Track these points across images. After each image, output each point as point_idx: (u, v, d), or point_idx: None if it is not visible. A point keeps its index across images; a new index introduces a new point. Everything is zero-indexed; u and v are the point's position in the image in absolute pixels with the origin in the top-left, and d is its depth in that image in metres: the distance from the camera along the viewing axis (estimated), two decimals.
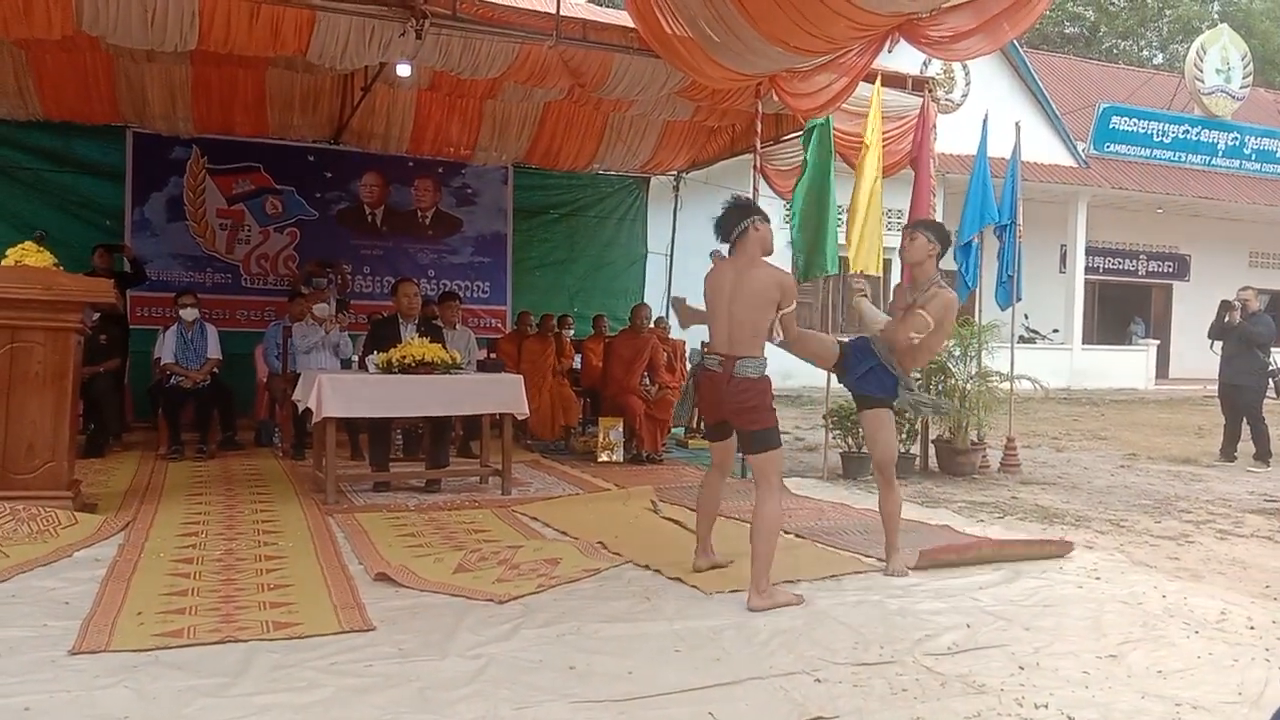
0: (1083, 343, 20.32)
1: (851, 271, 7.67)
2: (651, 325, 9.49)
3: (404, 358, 6.46)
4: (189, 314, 8.25)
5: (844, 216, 7.72)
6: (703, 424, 5.19)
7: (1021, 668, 3.42)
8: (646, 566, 4.72)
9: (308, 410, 6.41)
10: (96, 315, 7.08)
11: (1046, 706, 3.07)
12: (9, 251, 5.59)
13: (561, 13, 7.16)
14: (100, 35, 6.92)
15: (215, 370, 8.26)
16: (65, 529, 5.00)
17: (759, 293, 4.22)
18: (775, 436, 4.27)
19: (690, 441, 9.74)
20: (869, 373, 4.72)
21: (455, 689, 3.09)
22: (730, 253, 4.43)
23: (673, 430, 9.31)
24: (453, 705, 2.96)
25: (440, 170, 11.33)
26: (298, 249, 10.70)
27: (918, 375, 7.01)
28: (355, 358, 7.10)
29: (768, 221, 4.41)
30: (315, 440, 6.94)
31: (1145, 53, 36.46)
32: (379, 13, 6.84)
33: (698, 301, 4.64)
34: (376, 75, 8.73)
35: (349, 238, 10.99)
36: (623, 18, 7.21)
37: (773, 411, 4.27)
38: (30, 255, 5.54)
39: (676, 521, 5.82)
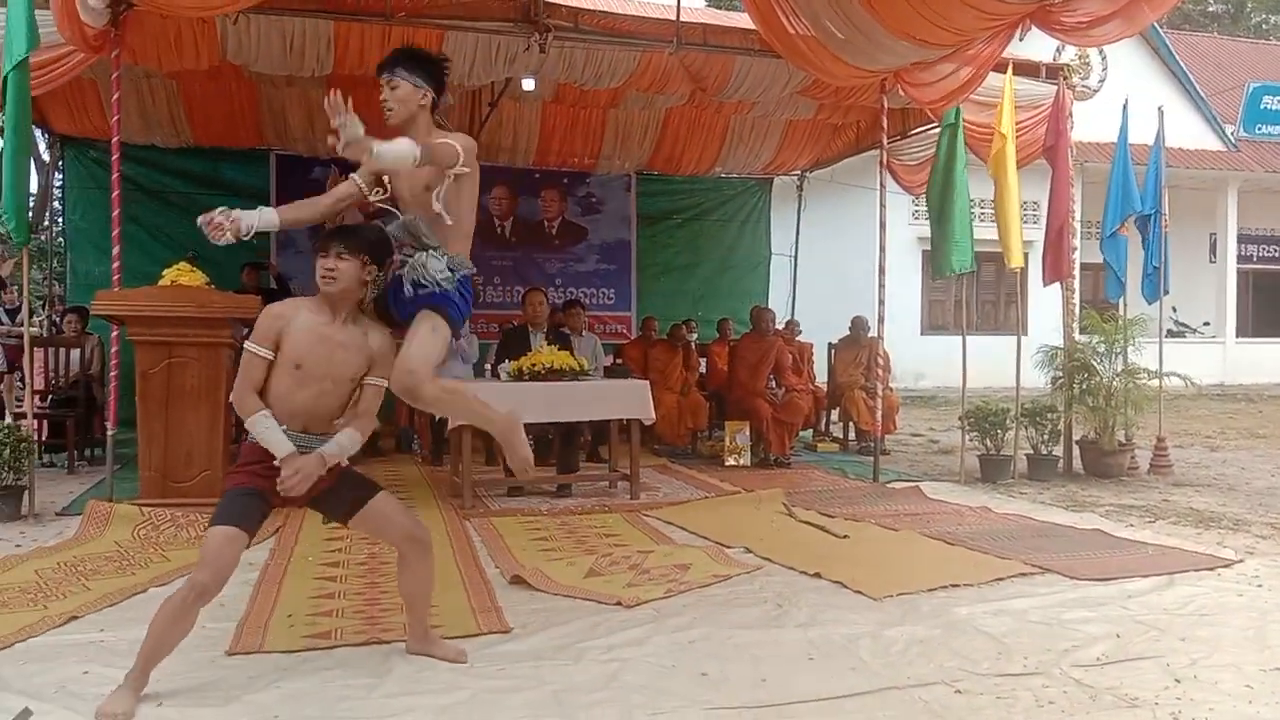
0: (1237, 335, 19.23)
1: (1010, 267, 7.49)
2: (779, 327, 9.41)
3: (534, 365, 6.59)
4: None
5: (975, 211, 7.51)
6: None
7: (1177, 680, 3.25)
8: (818, 576, 4.66)
9: (445, 418, 6.59)
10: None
11: None
12: (165, 272, 5.96)
13: (681, 18, 7.18)
14: (244, 64, 7.31)
15: None
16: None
17: None
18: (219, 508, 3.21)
19: (819, 445, 9.61)
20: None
21: (589, 693, 3.12)
22: None
23: (800, 434, 9.22)
24: (587, 709, 2.99)
25: (565, 180, 11.50)
26: None
27: None
28: (488, 366, 7.26)
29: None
30: (452, 446, 7.13)
31: None
32: (504, 29, 7.01)
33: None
34: (503, 90, 8.93)
35: (479, 249, 10.98)
36: (743, 20, 7.19)
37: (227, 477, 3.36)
38: (184, 275, 5.90)
39: (817, 525, 5.74)
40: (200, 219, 3.12)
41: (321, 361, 3.17)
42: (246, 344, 3.18)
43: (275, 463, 3.12)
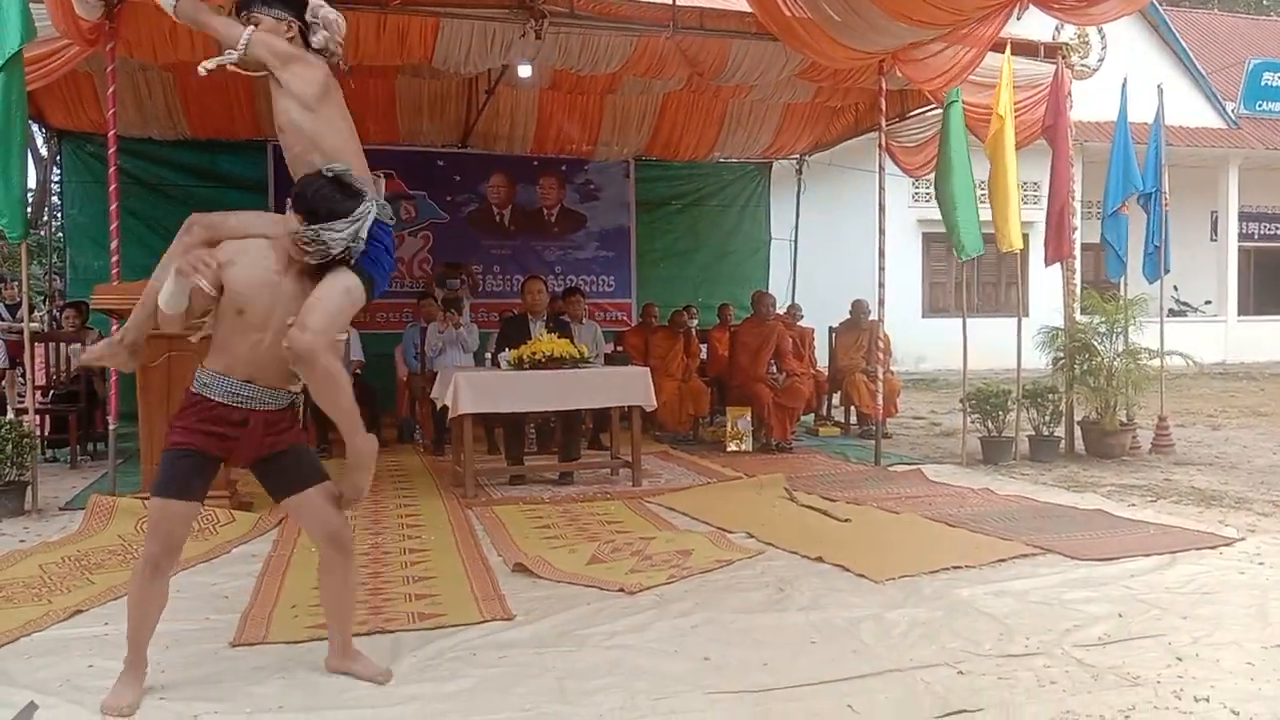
0: (1238, 314, 19.17)
1: (1002, 250, 7.45)
2: (779, 312, 9.40)
3: (534, 354, 6.59)
4: None
5: (982, 194, 7.47)
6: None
7: (1179, 659, 3.25)
8: (820, 559, 4.67)
9: (446, 407, 6.60)
10: None
11: (1208, 700, 2.91)
12: None
13: (677, 2, 7.15)
14: None
15: (358, 371, 8.59)
16: (224, 526, 5.29)
17: None
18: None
19: (821, 429, 9.62)
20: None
21: (593, 679, 3.13)
22: None
23: (802, 418, 9.22)
24: (590, 695, 3.00)
25: (564, 168, 11.47)
26: (431, 251, 11.00)
27: None
28: (488, 354, 7.25)
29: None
30: (453, 436, 7.14)
31: None
32: (500, 16, 6.98)
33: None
34: (499, 78, 8.89)
35: (479, 238, 11.24)
36: (739, 3, 7.14)
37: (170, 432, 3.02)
38: None
39: (819, 509, 5.75)
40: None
41: (262, 310, 2.92)
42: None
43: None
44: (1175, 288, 17.28)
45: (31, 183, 10.11)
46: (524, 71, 8.02)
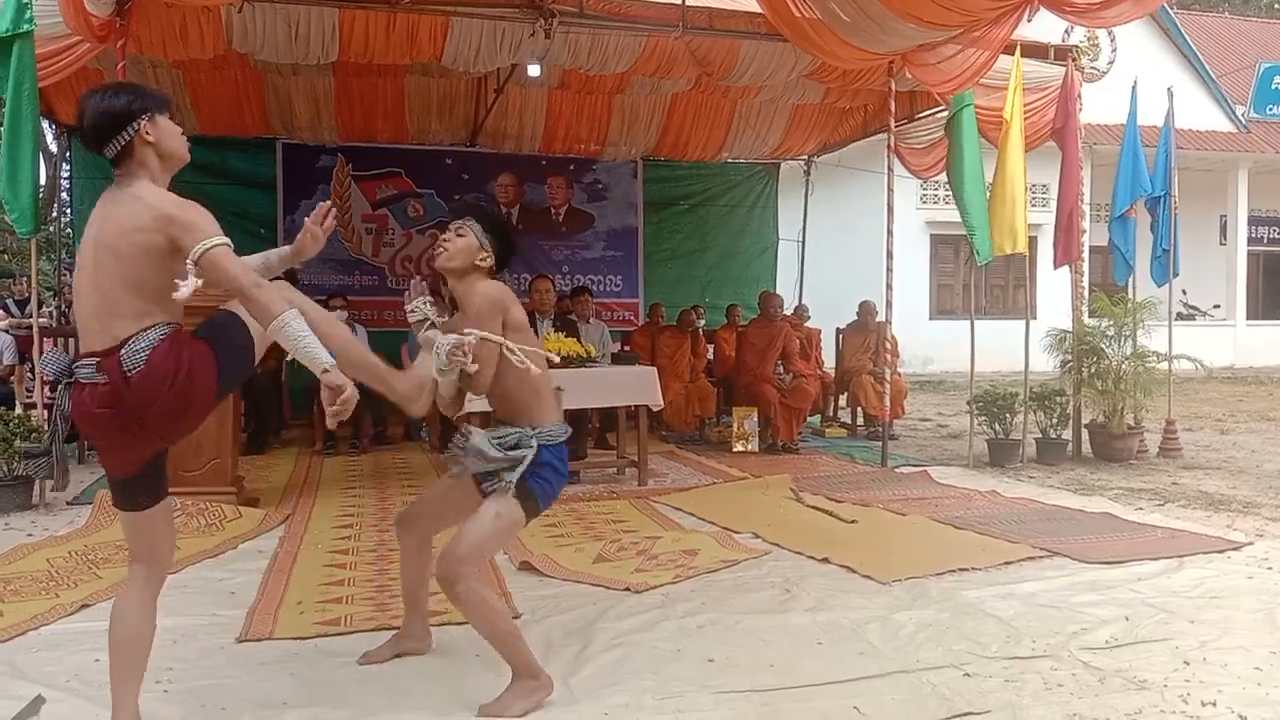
0: (1247, 318, 19.12)
1: (996, 253, 7.41)
2: (787, 313, 9.39)
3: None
4: (339, 316, 8.60)
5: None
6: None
7: (1187, 663, 3.24)
8: (827, 560, 4.66)
9: None
10: None
11: (1215, 704, 2.90)
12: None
13: (687, 2, 7.15)
14: (249, 52, 7.31)
15: None
16: (230, 522, 5.30)
17: (138, 241, 2.50)
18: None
19: (827, 430, 9.61)
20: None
21: (598, 678, 3.13)
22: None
23: (808, 419, 9.21)
24: (596, 694, 3.00)
25: (572, 167, 11.48)
26: None
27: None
28: None
29: (165, 113, 2.64)
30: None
31: None
32: (509, 15, 6.99)
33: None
34: (508, 77, 8.91)
35: None
36: (749, 4, 7.15)
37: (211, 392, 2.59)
38: None
39: (825, 510, 5.74)
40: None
41: None
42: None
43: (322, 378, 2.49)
44: (1184, 291, 17.22)
45: (41, 179, 10.13)
46: (533, 71, 8.03)
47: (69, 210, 10.63)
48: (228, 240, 2.50)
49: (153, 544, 2.68)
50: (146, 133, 2.58)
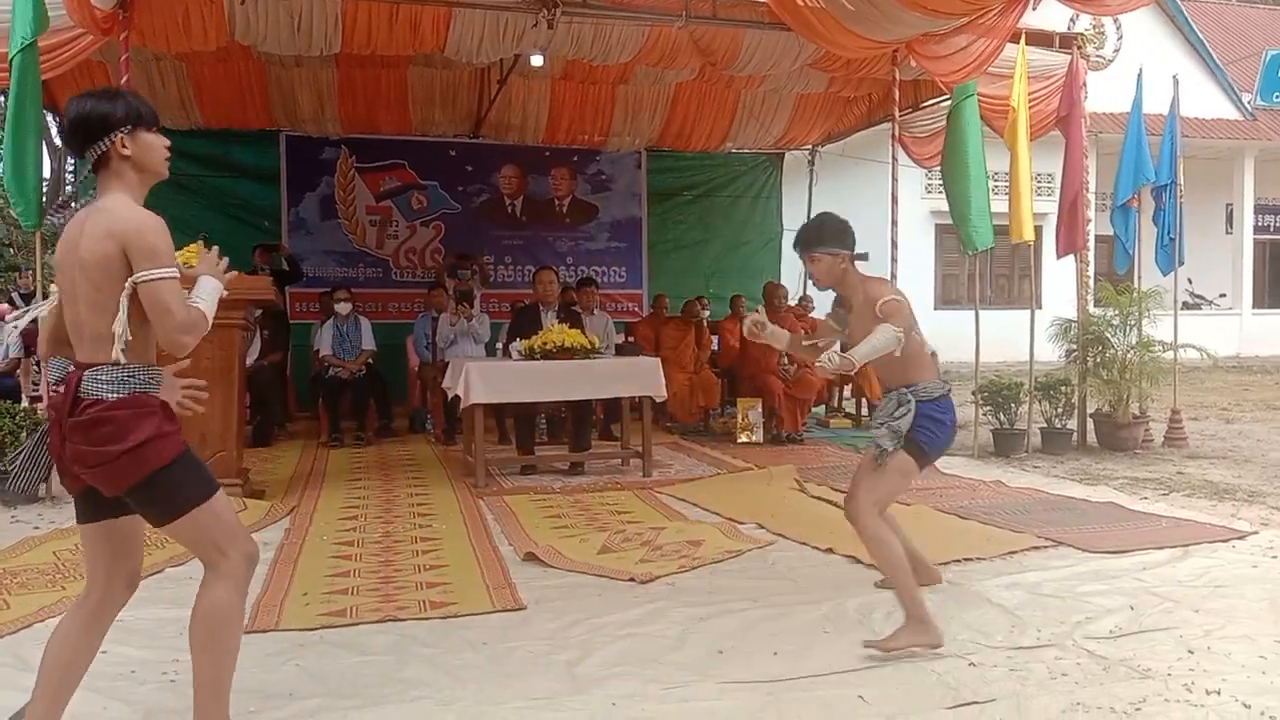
0: (1253, 307, 19.04)
1: (1014, 240, 7.39)
2: (791, 304, 9.37)
3: (545, 344, 6.59)
4: (343, 308, 8.63)
5: (995, 185, 7.42)
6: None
7: (1191, 652, 3.24)
8: (831, 550, 4.67)
9: (457, 397, 6.62)
10: (259, 312, 7.48)
11: (1219, 693, 2.90)
12: (176, 254, 5.95)
13: None
14: (252, 44, 7.29)
15: (370, 361, 8.62)
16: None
17: (98, 255, 2.45)
18: (190, 485, 2.53)
19: (832, 421, 9.60)
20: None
21: (604, 668, 3.14)
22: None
23: (813, 410, 9.20)
24: (602, 684, 3.01)
25: (575, 158, 11.47)
26: (443, 241, 11.01)
27: None
28: (500, 344, 7.26)
29: (148, 127, 2.70)
30: (465, 426, 7.15)
31: None
32: (512, 5, 6.97)
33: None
34: (511, 68, 8.89)
35: (490, 229, 11.26)
36: None
37: (166, 440, 2.45)
38: (195, 257, 5.88)
39: (829, 501, 5.73)
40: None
41: None
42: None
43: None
44: (1189, 280, 17.15)
45: (46, 171, 10.13)
46: (536, 61, 8.02)
47: (73, 203, 10.64)
48: (176, 274, 2.50)
49: (90, 560, 2.57)
50: (123, 145, 2.56)
